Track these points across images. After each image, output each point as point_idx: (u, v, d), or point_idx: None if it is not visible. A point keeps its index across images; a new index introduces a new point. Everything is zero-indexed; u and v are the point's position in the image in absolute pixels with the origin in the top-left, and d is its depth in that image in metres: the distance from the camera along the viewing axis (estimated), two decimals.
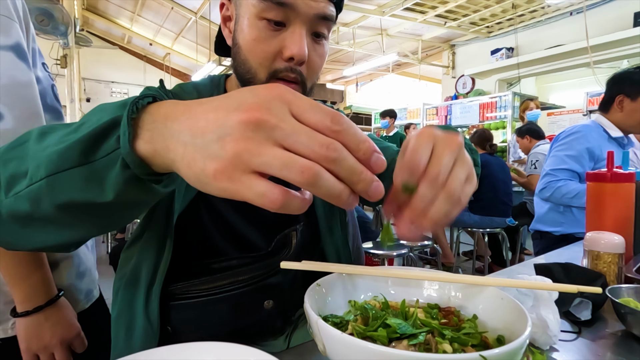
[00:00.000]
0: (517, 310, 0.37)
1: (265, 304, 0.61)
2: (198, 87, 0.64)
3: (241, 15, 0.55)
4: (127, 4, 7.08)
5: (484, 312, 0.42)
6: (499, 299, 0.41)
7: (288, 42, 0.52)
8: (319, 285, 0.43)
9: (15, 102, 0.57)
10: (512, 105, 4.83)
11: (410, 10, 5.21)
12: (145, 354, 0.33)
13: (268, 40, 0.53)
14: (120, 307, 0.59)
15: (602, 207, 0.80)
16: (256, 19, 0.52)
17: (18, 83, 0.57)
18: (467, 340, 0.35)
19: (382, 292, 0.46)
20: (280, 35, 0.53)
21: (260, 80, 0.55)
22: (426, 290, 0.47)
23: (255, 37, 0.53)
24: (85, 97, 8.63)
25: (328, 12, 0.54)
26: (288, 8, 0.51)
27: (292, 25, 0.52)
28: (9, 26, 0.57)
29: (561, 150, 1.59)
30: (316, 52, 0.56)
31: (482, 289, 0.44)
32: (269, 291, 0.61)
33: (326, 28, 0.56)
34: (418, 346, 0.34)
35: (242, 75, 0.56)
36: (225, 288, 0.59)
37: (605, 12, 4.46)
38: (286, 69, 0.54)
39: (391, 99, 9.35)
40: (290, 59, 0.53)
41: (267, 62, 0.54)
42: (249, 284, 0.60)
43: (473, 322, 0.40)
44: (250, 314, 0.61)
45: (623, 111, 1.53)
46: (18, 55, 0.58)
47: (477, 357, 0.28)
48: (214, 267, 0.60)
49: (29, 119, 0.58)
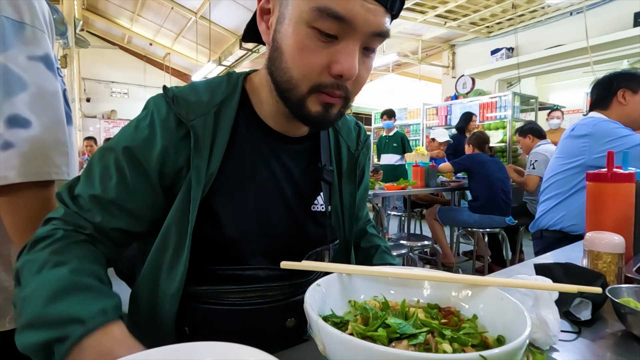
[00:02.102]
0: (517, 310, 0.37)
1: (288, 322, 0.60)
2: (212, 87, 0.59)
3: (287, 17, 0.49)
4: (127, 4, 7.09)
5: (484, 312, 0.42)
6: (499, 299, 0.41)
7: (339, 58, 0.48)
8: (318, 285, 0.43)
9: (43, 111, 0.60)
10: (512, 105, 4.83)
11: (410, 10, 5.21)
12: (145, 354, 0.33)
13: (317, 51, 0.48)
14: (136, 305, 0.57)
15: (602, 207, 0.80)
16: (305, 26, 0.47)
17: (46, 92, 0.61)
18: (467, 340, 0.35)
19: (382, 292, 0.46)
20: (330, 48, 0.48)
21: (301, 93, 0.51)
22: (426, 290, 0.47)
23: (303, 46, 0.48)
24: (85, 97, 8.64)
25: (385, 28, 0.49)
26: (345, 23, 0.46)
27: (345, 40, 0.48)
28: (41, 38, 0.61)
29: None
30: (364, 66, 0.52)
31: (482, 289, 0.44)
32: (294, 309, 0.60)
33: (379, 43, 0.52)
34: (418, 346, 0.34)
35: (280, 83, 0.52)
36: (253, 300, 0.58)
37: (605, 12, 4.47)
38: (332, 85, 0.50)
39: (391, 99, 9.35)
40: (338, 75, 0.48)
41: (312, 75, 0.49)
42: (277, 301, 0.59)
43: (473, 322, 0.40)
44: (271, 330, 0.60)
45: (627, 104, 1.52)
46: (47, 66, 0.61)
47: (477, 357, 0.28)
48: (240, 275, 0.58)
49: (54, 126, 0.62)
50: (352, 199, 0.71)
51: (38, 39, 0.60)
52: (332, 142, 0.69)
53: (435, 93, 8.08)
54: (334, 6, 0.45)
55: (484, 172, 2.95)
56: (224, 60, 6.29)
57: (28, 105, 0.58)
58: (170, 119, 0.55)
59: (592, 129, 1.53)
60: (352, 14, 0.45)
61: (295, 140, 0.63)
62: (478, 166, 3.00)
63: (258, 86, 0.60)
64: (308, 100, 0.51)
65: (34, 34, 0.60)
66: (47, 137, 0.60)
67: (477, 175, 3.00)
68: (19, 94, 0.57)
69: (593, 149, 1.51)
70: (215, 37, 6.79)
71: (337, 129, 0.71)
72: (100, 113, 8.89)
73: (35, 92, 0.59)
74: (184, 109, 0.55)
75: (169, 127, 0.55)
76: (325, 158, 0.67)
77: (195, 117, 0.55)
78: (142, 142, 0.54)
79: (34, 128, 0.58)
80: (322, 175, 0.65)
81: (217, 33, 6.78)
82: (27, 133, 0.58)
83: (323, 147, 0.67)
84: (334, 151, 0.69)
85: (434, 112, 6.02)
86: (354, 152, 0.72)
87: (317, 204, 0.65)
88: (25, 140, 0.57)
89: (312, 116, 0.52)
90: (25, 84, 0.58)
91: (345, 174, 0.70)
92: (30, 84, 0.59)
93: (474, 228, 3.06)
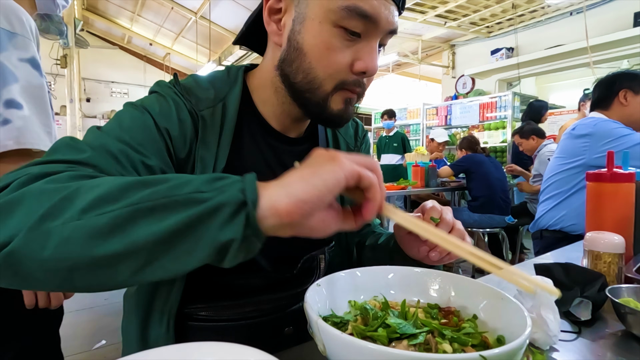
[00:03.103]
0: (517, 310, 0.37)
1: (286, 331, 0.60)
2: (214, 81, 0.58)
3: (309, 17, 0.49)
4: (127, 4, 7.08)
5: (483, 312, 0.42)
6: (498, 299, 0.41)
7: (362, 55, 0.49)
8: (319, 286, 0.43)
9: (31, 99, 0.75)
10: (512, 105, 4.83)
11: (410, 10, 5.20)
12: (145, 354, 0.33)
13: (343, 50, 0.49)
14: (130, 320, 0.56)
15: (602, 207, 0.80)
16: (332, 26, 0.48)
17: (33, 85, 0.76)
18: (467, 340, 0.35)
19: (382, 292, 0.46)
20: (354, 46, 0.49)
21: (325, 92, 0.51)
22: (426, 290, 0.47)
23: (330, 46, 0.48)
24: (85, 97, 8.63)
25: (397, 25, 0.52)
26: (370, 21, 0.48)
27: (368, 38, 0.49)
28: (28, 44, 0.76)
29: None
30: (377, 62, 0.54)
31: (482, 289, 0.44)
32: (292, 318, 0.60)
33: (388, 40, 0.54)
34: (418, 346, 0.34)
35: (301, 84, 0.51)
36: (249, 314, 0.57)
37: (605, 12, 4.46)
38: (354, 82, 0.51)
39: (391, 99, 9.34)
40: (361, 72, 0.50)
41: (338, 74, 0.50)
42: (273, 312, 0.59)
43: (473, 322, 0.40)
44: (270, 340, 0.59)
45: (628, 105, 1.52)
46: (33, 66, 0.77)
47: (477, 357, 0.28)
48: (234, 284, 0.57)
49: (39, 111, 0.76)
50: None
51: (26, 44, 0.76)
52: (330, 141, 0.69)
53: (435, 93, 8.08)
54: (362, 5, 0.46)
55: (482, 171, 2.97)
56: (224, 60, 6.30)
57: (20, 93, 0.73)
58: (181, 105, 0.53)
59: (593, 129, 1.52)
60: (377, 13, 0.47)
61: (294, 141, 0.63)
62: (476, 166, 3.01)
63: (258, 85, 0.59)
64: (331, 98, 0.52)
65: (23, 41, 0.75)
66: (35, 118, 0.75)
67: (475, 175, 3.02)
68: (12, 84, 0.72)
69: (593, 149, 1.51)
70: (215, 37, 6.79)
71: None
72: (100, 113, 8.87)
73: (25, 85, 0.74)
74: (194, 98, 0.54)
75: (181, 112, 0.52)
76: None
77: (205, 108, 0.54)
78: (159, 112, 0.50)
79: (25, 110, 0.73)
80: None
81: (217, 33, 6.78)
82: (20, 113, 0.72)
83: (322, 146, 0.66)
84: (333, 149, 0.68)
85: (434, 112, 6.02)
86: (352, 149, 0.72)
87: None
88: (19, 117, 0.72)
89: (334, 114, 0.53)
90: (16, 77, 0.73)
91: None
92: (21, 78, 0.73)
93: (473, 228, 3.06)
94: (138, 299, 0.55)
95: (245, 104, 0.59)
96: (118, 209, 0.30)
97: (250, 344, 0.55)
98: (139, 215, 0.31)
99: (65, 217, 0.30)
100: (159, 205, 0.31)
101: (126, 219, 0.30)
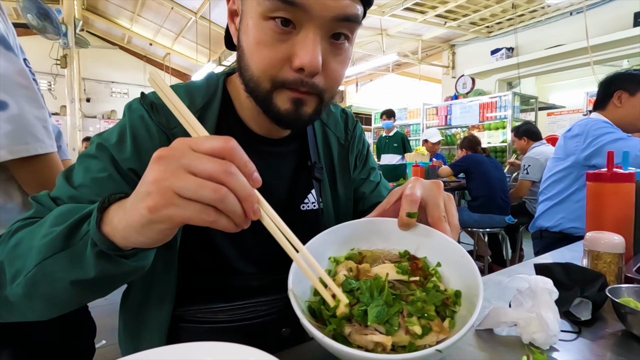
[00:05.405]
0: (472, 270, 0.41)
1: (283, 332, 0.59)
2: (191, 91, 0.57)
3: (246, 13, 0.47)
4: (127, 4, 7.09)
5: (445, 265, 0.44)
6: (459, 257, 0.43)
7: (298, 49, 0.44)
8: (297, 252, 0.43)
9: (14, 90, 0.61)
10: (512, 105, 4.83)
11: (410, 10, 5.20)
12: (145, 354, 0.33)
13: (274, 44, 0.45)
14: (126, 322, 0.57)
15: (602, 207, 0.80)
16: (261, 19, 0.44)
17: (11, 71, 0.61)
18: (430, 308, 0.38)
19: (359, 245, 0.48)
20: (289, 39, 0.45)
21: (264, 90, 0.47)
22: (397, 239, 0.48)
23: (259, 40, 0.45)
24: (85, 97, 8.63)
25: (351, 12, 0.45)
26: (299, 8, 0.42)
27: (304, 29, 0.44)
28: None
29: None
30: (335, 58, 0.48)
31: (446, 244, 0.44)
32: (288, 319, 0.58)
33: (348, 29, 0.47)
34: (393, 332, 0.36)
35: (246, 82, 0.50)
36: (245, 316, 0.57)
37: (605, 12, 4.47)
38: (296, 81, 0.46)
39: (391, 99, 9.35)
40: (300, 69, 0.45)
41: (273, 71, 0.46)
42: (269, 314, 0.58)
43: (437, 275, 0.43)
44: (267, 342, 0.58)
45: (622, 106, 1.53)
46: (4, 46, 0.62)
47: (433, 352, 0.33)
48: (229, 287, 0.57)
49: (29, 104, 0.63)
50: (348, 191, 0.69)
51: None
52: (319, 138, 0.67)
53: (435, 93, 8.08)
54: None
55: (482, 171, 2.97)
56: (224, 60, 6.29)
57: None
58: (150, 126, 0.52)
59: (583, 128, 1.57)
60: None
61: (280, 142, 0.62)
62: (476, 166, 3.01)
63: (237, 91, 0.58)
64: (274, 97, 0.48)
65: None
66: (26, 114, 0.62)
67: (475, 175, 3.02)
68: None
69: (581, 147, 1.56)
70: (215, 37, 6.79)
71: (324, 122, 0.69)
72: (100, 113, 8.88)
73: (2, 74, 0.59)
74: (164, 117, 0.53)
75: (149, 134, 0.52)
76: (314, 155, 0.65)
77: (176, 125, 0.53)
78: (116, 145, 0.51)
79: (11, 108, 0.60)
80: (313, 174, 0.64)
81: (217, 33, 6.77)
82: (5, 114, 0.59)
83: (311, 145, 0.65)
84: (323, 146, 0.67)
85: (434, 112, 6.03)
86: (343, 143, 0.70)
87: (307, 203, 0.64)
88: (5, 120, 0.59)
89: (282, 114, 0.49)
90: None
91: (338, 167, 0.68)
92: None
93: (474, 228, 3.07)
94: (126, 319, 0.57)
95: (226, 112, 0.58)
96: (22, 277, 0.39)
97: (248, 345, 0.55)
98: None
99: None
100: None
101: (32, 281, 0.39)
